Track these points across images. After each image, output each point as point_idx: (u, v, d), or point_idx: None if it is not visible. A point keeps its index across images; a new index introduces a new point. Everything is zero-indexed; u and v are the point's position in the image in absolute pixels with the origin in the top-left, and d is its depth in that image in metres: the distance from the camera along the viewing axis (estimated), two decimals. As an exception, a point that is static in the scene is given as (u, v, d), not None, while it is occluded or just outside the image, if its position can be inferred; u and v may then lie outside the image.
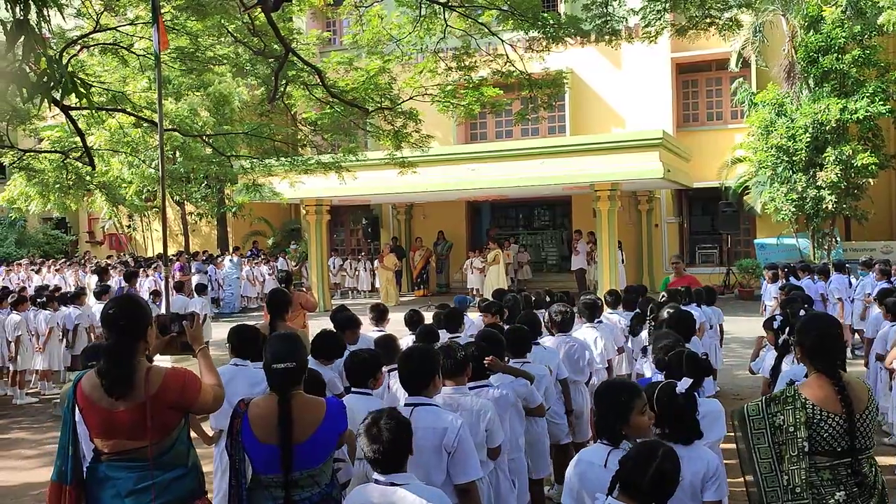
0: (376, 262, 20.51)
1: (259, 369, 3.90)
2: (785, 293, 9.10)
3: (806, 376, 3.28)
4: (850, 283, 11.77)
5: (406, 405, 3.57)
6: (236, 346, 4.94)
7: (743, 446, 3.17)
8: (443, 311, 6.71)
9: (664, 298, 7.90)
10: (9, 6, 3.49)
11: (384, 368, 4.56)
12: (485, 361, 4.32)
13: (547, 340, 5.97)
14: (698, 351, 4.62)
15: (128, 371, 3.07)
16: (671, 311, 6.45)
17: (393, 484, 2.89)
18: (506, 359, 4.81)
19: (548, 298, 8.35)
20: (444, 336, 6.05)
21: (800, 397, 3.04)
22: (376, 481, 2.94)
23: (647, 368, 5.63)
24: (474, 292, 18.56)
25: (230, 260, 20.07)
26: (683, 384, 3.50)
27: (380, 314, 6.85)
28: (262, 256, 22.19)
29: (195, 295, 13.46)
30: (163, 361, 4.04)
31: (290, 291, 8.25)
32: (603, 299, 8.11)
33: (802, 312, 6.30)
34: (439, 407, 3.63)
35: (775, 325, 5.91)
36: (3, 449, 8.24)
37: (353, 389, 4.29)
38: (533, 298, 8.36)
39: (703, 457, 3.32)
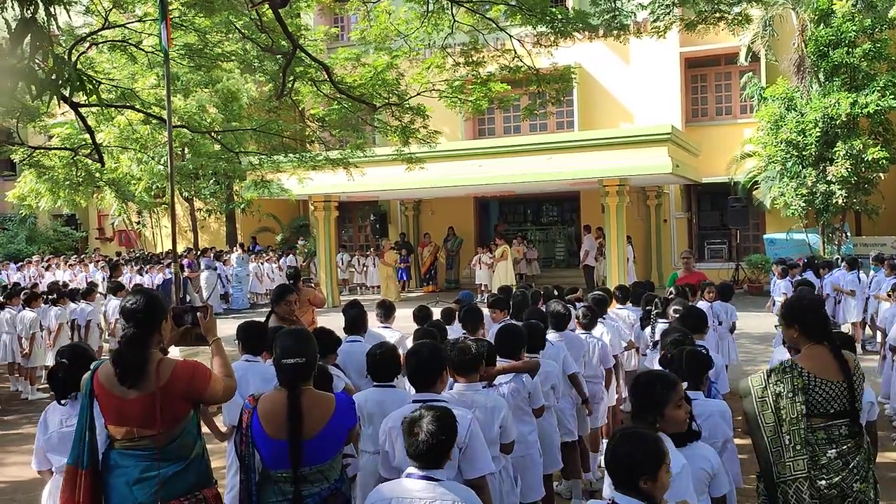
0: (376, 259, 20.52)
1: (271, 365, 3.91)
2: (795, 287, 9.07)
3: None
4: (860, 279, 11.70)
5: (414, 401, 3.57)
6: (245, 343, 4.96)
7: (750, 413, 3.48)
8: (458, 308, 6.69)
9: (672, 295, 7.87)
10: (15, 4, 3.50)
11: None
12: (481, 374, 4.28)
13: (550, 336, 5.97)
14: (709, 347, 4.60)
15: (141, 361, 3.18)
16: (678, 307, 6.46)
17: (430, 478, 2.88)
18: (523, 354, 4.80)
19: (556, 293, 8.34)
20: (457, 332, 6.07)
21: (797, 367, 3.42)
22: (409, 475, 2.92)
23: (657, 364, 5.62)
24: (482, 288, 18.55)
25: (237, 257, 20.04)
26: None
27: (386, 310, 6.85)
28: (269, 253, 22.19)
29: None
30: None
31: (299, 287, 8.28)
32: (612, 294, 8.11)
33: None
34: (448, 403, 3.62)
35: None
36: (14, 444, 8.30)
37: (374, 384, 4.29)
38: (542, 293, 8.34)
39: (704, 455, 3.32)
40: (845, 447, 3.40)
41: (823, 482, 3.38)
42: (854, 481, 3.41)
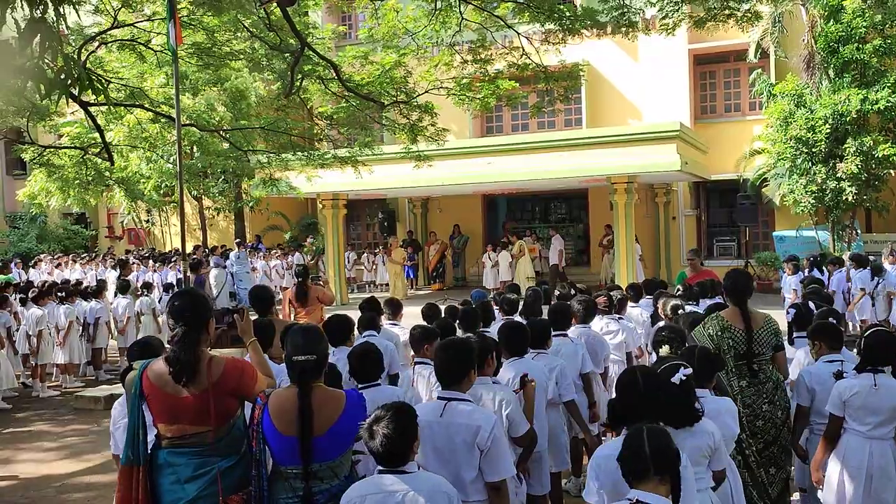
0: (384, 256, 20.50)
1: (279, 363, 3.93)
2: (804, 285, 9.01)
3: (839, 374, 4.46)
4: (871, 278, 11.64)
5: (440, 398, 3.56)
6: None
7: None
8: (467, 307, 6.68)
9: (679, 293, 7.86)
10: (24, 4, 3.51)
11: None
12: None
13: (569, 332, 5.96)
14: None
15: (194, 359, 3.25)
16: (675, 303, 6.50)
17: (399, 472, 2.91)
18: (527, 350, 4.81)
19: (572, 291, 8.35)
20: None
21: (719, 316, 4.78)
22: (380, 470, 2.95)
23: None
24: (497, 285, 18.47)
25: (234, 254, 19.84)
26: (682, 372, 3.45)
27: (394, 308, 6.92)
28: (277, 250, 22.16)
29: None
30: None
31: (307, 285, 8.31)
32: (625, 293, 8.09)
33: (812, 306, 6.17)
34: (473, 403, 3.60)
35: (788, 318, 5.79)
36: (24, 441, 8.35)
37: (359, 385, 4.27)
38: (556, 292, 8.34)
39: (708, 430, 3.41)
40: (755, 379, 4.59)
41: (739, 407, 4.36)
42: (763, 403, 4.57)
